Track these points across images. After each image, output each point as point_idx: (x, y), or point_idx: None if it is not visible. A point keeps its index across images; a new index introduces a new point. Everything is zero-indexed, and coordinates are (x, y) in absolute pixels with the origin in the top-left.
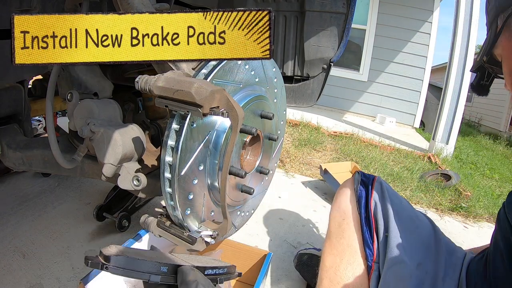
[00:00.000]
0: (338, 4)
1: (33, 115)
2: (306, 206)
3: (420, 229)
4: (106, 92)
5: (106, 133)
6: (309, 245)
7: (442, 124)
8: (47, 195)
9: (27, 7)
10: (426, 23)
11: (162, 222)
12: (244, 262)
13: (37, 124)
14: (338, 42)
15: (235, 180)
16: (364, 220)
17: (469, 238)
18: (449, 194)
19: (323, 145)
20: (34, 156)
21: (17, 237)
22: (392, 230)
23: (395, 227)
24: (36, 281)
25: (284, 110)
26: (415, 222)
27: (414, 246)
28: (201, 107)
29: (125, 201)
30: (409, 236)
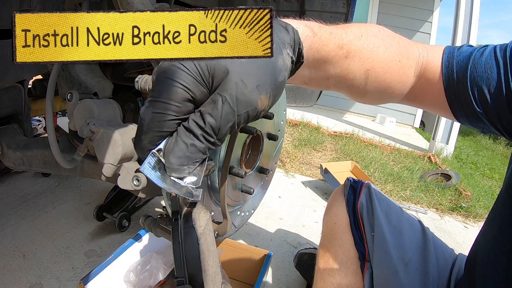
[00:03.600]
0: (338, 4)
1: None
2: (306, 206)
3: (409, 229)
4: (106, 92)
5: (106, 133)
6: (309, 245)
7: (442, 124)
8: (47, 195)
9: (27, 7)
10: (426, 23)
11: (162, 222)
12: (244, 262)
13: (37, 124)
14: None
15: (235, 180)
16: (353, 222)
17: (469, 238)
18: (449, 194)
19: (323, 145)
20: (34, 156)
21: (17, 237)
22: (379, 230)
23: (381, 227)
24: (36, 281)
25: (284, 110)
26: (404, 223)
27: (403, 245)
28: None
29: (125, 201)
30: (398, 236)
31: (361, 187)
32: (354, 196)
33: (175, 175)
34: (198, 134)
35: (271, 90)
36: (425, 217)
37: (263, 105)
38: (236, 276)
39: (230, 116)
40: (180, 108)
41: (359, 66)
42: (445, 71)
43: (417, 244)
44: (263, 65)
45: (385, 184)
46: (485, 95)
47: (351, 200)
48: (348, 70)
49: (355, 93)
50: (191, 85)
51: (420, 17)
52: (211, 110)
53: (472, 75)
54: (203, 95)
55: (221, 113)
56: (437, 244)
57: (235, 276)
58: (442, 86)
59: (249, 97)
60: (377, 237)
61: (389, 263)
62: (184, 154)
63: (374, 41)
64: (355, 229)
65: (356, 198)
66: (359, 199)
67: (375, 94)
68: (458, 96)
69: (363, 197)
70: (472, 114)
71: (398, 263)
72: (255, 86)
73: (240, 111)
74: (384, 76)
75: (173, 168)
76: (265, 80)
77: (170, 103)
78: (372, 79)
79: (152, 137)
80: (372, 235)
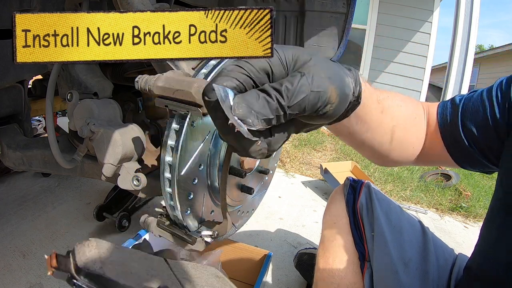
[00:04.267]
0: (338, 4)
1: (33, 115)
2: (306, 206)
3: (409, 229)
4: (106, 92)
5: (106, 133)
6: (309, 245)
7: None
8: (47, 195)
9: (27, 7)
10: (426, 23)
11: (162, 222)
12: (244, 262)
13: (37, 124)
14: (338, 42)
15: (235, 180)
16: (353, 222)
17: (469, 238)
18: (449, 194)
19: (323, 145)
20: (34, 156)
21: (17, 237)
22: (379, 229)
23: (381, 227)
24: (36, 281)
25: None
26: (404, 223)
27: (403, 245)
28: (201, 106)
29: (125, 201)
30: (398, 236)
31: (361, 186)
32: (354, 196)
33: (239, 113)
34: (272, 93)
35: (339, 89)
36: (425, 217)
37: (332, 96)
38: (236, 276)
39: (304, 88)
40: (257, 74)
41: (389, 122)
42: (441, 121)
43: (417, 244)
44: (338, 72)
45: (385, 184)
46: (473, 131)
47: (351, 200)
48: (381, 125)
49: (381, 151)
50: (273, 61)
51: (420, 17)
52: (288, 79)
53: (462, 117)
54: (280, 75)
55: (298, 82)
56: (437, 244)
57: (235, 276)
58: (440, 136)
59: (323, 81)
60: (377, 237)
61: (389, 263)
62: (254, 102)
63: (398, 101)
64: (355, 229)
65: (356, 197)
66: (359, 198)
67: (398, 152)
68: (452, 139)
69: (363, 197)
70: (467, 155)
71: (398, 263)
72: (329, 76)
73: (314, 88)
74: (406, 132)
75: (241, 106)
76: (338, 80)
77: (252, 65)
78: (396, 135)
79: (225, 80)
80: (372, 235)
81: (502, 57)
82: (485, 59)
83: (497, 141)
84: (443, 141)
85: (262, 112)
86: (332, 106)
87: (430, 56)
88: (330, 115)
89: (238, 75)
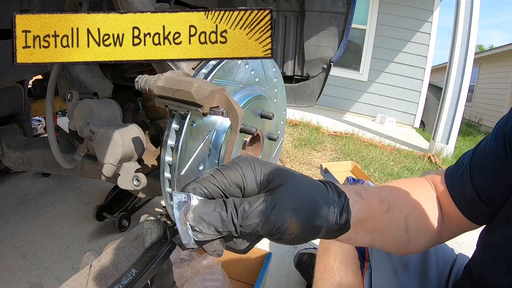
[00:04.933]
0: (338, 4)
1: (33, 115)
2: None
3: None
4: (106, 92)
5: (106, 133)
6: (309, 245)
7: (442, 124)
8: (47, 195)
9: (27, 7)
10: (426, 23)
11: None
12: (244, 262)
13: (37, 124)
14: (338, 42)
15: None
16: None
17: (469, 238)
18: None
19: (323, 145)
20: (34, 156)
21: (17, 237)
22: None
23: None
24: (36, 281)
25: (284, 110)
26: None
27: None
28: (201, 106)
29: (125, 201)
30: None
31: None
32: None
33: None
34: (229, 209)
35: (302, 223)
36: None
37: (291, 227)
38: (236, 276)
39: (261, 214)
40: (228, 187)
41: (399, 215)
42: (450, 185)
43: None
44: (311, 203)
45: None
46: (480, 179)
47: None
48: (391, 221)
49: (400, 243)
50: (247, 178)
51: (420, 17)
52: (251, 201)
53: (471, 169)
54: (252, 192)
55: (256, 207)
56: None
57: (235, 276)
58: (453, 203)
59: (283, 212)
60: None
61: (388, 263)
62: (209, 213)
63: (402, 190)
64: None
65: None
66: None
67: (418, 239)
68: (462, 197)
69: None
70: (479, 209)
71: (397, 263)
72: (294, 208)
73: (271, 217)
74: (419, 217)
75: (194, 214)
76: (305, 213)
77: (226, 178)
78: (411, 223)
79: (195, 187)
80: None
81: (502, 57)
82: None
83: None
84: (459, 210)
85: (213, 224)
86: (291, 236)
87: (430, 56)
88: (289, 242)
89: (208, 185)
